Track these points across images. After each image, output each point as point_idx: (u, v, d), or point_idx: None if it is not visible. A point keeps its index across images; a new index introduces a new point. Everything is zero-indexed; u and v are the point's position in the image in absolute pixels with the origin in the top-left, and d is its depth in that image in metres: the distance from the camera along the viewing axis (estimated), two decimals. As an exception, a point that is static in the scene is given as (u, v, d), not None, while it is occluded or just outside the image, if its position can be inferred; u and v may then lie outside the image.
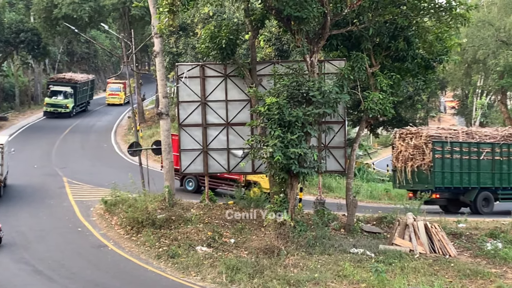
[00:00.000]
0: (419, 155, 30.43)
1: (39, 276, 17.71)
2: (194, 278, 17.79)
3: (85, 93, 64.68)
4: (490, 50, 55.73)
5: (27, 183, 30.96)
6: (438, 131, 31.22)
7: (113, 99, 72.01)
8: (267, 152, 19.54)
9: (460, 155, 30.41)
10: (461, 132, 31.11)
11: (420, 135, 30.64)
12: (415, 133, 31.11)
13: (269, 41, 41.14)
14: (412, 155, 30.69)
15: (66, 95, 58.60)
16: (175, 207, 23.83)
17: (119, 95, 72.25)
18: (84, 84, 63.83)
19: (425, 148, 30.16)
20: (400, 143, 31.46)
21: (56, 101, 58.19)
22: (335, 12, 21.87)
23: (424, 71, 24.16)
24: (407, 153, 30.84)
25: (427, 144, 30.08)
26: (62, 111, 57.93)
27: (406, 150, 30.97)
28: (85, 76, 68.15)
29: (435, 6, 22.52)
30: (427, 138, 30.19)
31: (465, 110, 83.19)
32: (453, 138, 30.48)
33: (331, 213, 24.71)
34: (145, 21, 54.06)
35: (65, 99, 58.49)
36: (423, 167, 30.21)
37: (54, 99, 58.32)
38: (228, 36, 23.24)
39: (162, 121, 25.38)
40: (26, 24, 58.60)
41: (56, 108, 57.99)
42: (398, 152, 31.49)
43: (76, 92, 60.39)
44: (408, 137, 31.23)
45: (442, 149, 30.12)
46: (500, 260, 20.19)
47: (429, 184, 30.07)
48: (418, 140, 30.50)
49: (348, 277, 17.48)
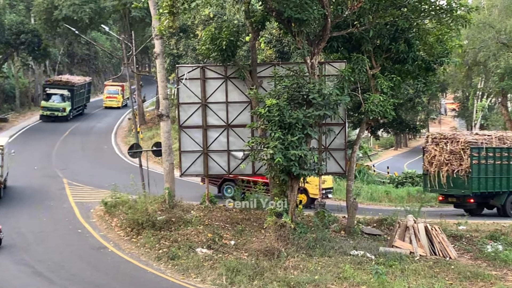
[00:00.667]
0: (455, 161, 30.82)
1: (39, 278, 17.68)
2: (194, 280, 17.76)
3: (82, 96, 63.26)
4: (491, 52, 55.74)
5: (27, 185, 30.96)
6: (474, 137, 31.72)
7: (110, 102, 70.71)
8: (268, 154, 19.54)
9: (494, 160, 31.07)
10: (494, 138, 31.69)
11: (457, 140, 31.05)
12: (451, 139, 31.54)
13: (270, 43, 41.19)
14: (448, 160, 31.09)
15: (63, 98, 57.22)
16: (175, 209, 23.80)
17: (117, 98, 71.01)
18: (81, 86, 62.34)
19: (462, 154, 30.53)
20: (433, 148, 31.76)
21: (52, 105, 56.70)
22: (335, 14, 21.87)
23: (424, 73, 24.14)
24: (442, 158, 31.21)
25: (464, 150, 30.48)
26: (59, 115, 56.55)
27: (441, 155, 31.31)
28: (82, 79, 66.58)
29: (435, 8, 22.51)
30: (465, 144, 30.60)
31: (465, 112, 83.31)
32: (488, 144, 31.07)
33: (331, 215, 24.70)
34: (145, 23, 54.14)
35: (62, 102, 57.07)
36: (460, 172, 30.62)
37: (51, 103, 56.90)
38: (228, 37, 23.23)
39: (163, 122, 25.37)
40: (27, 26, 58.58)
41: (53, 112, 56.52)
42: (431, 157, 31.80)
43: (73, 95, 59.01)
44: (443, 142, 31.58)
45: (478, 155, 30.60)
46: (501, 262, 20.16)
47: (466, 189, 30.63)
48: (455, 146, 30.91)
49: (348, 279, 17.45)
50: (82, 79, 65.99)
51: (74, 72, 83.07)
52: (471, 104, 74.45)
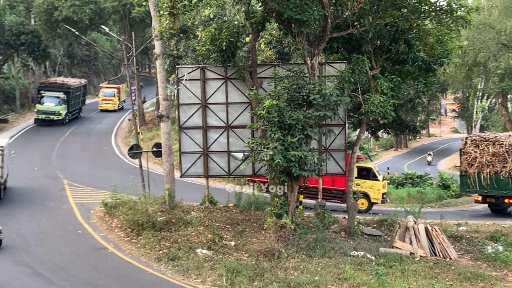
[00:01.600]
0: (498, 162, 31.73)
1: (39, 279, 17.68)
2: (194, 280, 17.76)
3: (77, 99, 61.32)
4: (491, 53, 55.78)
5: (27, 186, 30.95)
6: None
7: (106, 105, 68.22)
8: (268, 154, 19.54)
9: None
10: None
11: (501, 143, 32.01)
12: (493, 141, 32.43)
13: (270, 43, 41.24)
14: (490, 162, 31.93)
15: (58, 101, 55.02)
16: (175, 210, 23.80)
17: (113, 100, 68.39)
18: (77, 89, 60.42)
19: (507, 156, 31.49)
20: (473, 150, 32.63)
21: (48, 108, 54.66)
22: (335, 15, 21.87)
23: (424, 74, 24.15)
24: (483, 160, 32.06)
25: (509, 152, 31.48)
26: (54, 119, 54.56)
27: (482, 157, 32.13)
28: (78, 81, 64.42)
29: (435, 9, 22.50)
30: (509, 146, 31.58)
31: (465, 113, 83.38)
32: None
33: (331, 216, 24.70)
34: (145, 24, 54.11)
35: (57, 106, 54.95)
36: (504, 174, 31.55)
37: (46, 106, 54.76)
38: (228, 38, 23.23)
39: (163, 123, 25.36)
40: (27, 27, 58.55)
41: (48, 115, 54.53)
42: (471, 158, 32.59)
43: (69, 98, 57.04)
44: (484, 144, 32.49)
45: None
46: (501, 263, 20.15)
47: (508, 191, 31.62)
48: (497, 148, 31.89)
49: (348, 280, 17.44)
50: (77, 81, 64.14)
51: (74, 73, 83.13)
52: (471, 105, 74.53)
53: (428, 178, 48.47)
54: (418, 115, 70.66)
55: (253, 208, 26.12)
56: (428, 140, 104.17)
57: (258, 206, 26.19)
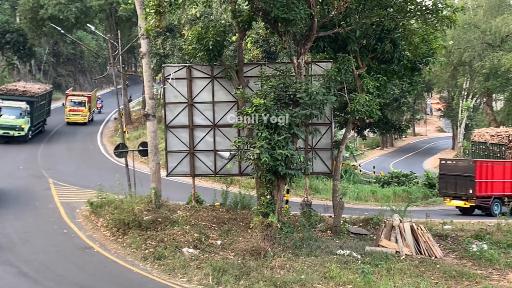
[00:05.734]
0: None
1: (24, 278, 17.55)
2: (180, 280, 17.71)
3: (42, 109, 50.19)
4: (476, 53, 56.18)
5: (12, 185, 30.72)
6: None
7: (75, 117, 57.55)
8: (254, 153, 19.55)
9: None
10: None
11: None
12: None
13: (256, 42, 41.26)
14: None
15: (20, 113, 43.70)
16: (161, 209, 23.72)
17: (82, 111, 57.75)
18: (42, 97, 49.38)
19: None
20: None
21: (7, 121, 43.24)
22: (322, 14, 21.92)
23: (410, 73, 24.28)
24: None
25: None
26: (15, 135, 43.74)
27: None
28: (43, 87, 53.07)
29: (421, 9, 22.63)
30: None
31: (451, 112, 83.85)
32: None
33: (317, 215, 24.76)
34: (132, 22, 54.05)
35: (19, 119, 43.67)
36: None
37: (4, 119, 43.18)
38: (215, 37, 23.20)
39: (149, 122, 25.26)
40: (12, 25, 58.32)
41: (7, 131, 43.28)
42: None
43: (33, 108, 45.85)
44: None
45: None
46: (486, 261, 20.28)
47: None
48: None
49: (334, 278, 17.47)
50: (42, 87, 52.91)
51: (60, 72, 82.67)
52: (456, 104, 74.89)
53: (414, 177, 48.78)
54: (404, 114, 71.02)
55: (239, 207, 26.15)
56: (414, 139, 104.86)
57: (244, 205, 26.25)
